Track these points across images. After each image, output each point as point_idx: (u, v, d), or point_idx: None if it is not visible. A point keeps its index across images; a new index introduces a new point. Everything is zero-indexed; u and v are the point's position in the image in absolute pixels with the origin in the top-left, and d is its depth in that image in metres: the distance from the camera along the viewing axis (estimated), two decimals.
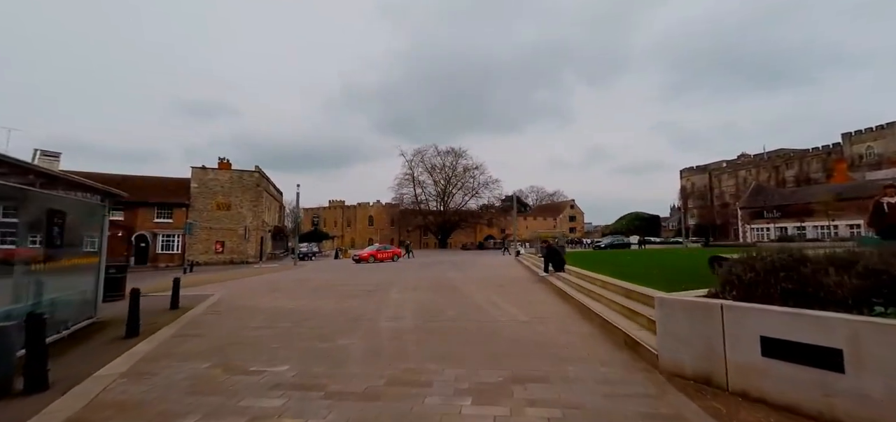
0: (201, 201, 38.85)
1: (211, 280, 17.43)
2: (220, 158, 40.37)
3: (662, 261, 15.17)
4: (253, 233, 40.13)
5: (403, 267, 24.33)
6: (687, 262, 13.62)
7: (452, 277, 16.12)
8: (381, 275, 18.52)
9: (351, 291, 12.26)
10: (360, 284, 14.17)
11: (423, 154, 74.73)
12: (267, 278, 18.08)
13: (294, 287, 13.64)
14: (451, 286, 12.70)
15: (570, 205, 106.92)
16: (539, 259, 20.66)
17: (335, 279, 16.76)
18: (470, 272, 18.93)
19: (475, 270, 20.08)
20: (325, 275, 19.49)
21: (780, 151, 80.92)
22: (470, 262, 28.93)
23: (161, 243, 37.43)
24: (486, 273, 18.19)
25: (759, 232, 48.01)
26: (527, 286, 12.17)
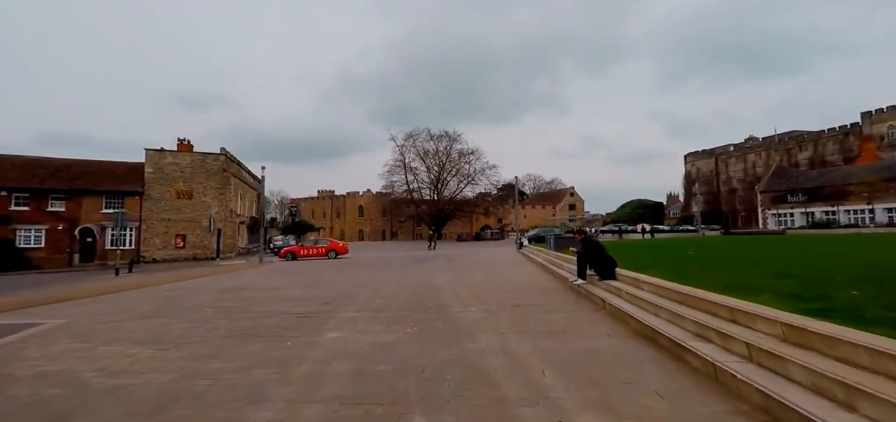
0: (158, 189, 33.94)
1: (95, 292, 12.71)
2: (180, 139, 35.37)
3: (724, 255, 10.73)
4: (220, 225, 35.32)
5: (382, 266, 19.75)
6: (758, 254, 9.59)
7: (442, 284, 11.56)
8: (348, 277, 13.95)
9: (270, 315, 7.68)
10: (301, 300, 9.57)
11: (414, 138, 69.79)
12: (181, 286, 13.43)
13: (186, 311, 9.02)
14: (439, 305, 8.14)
15: (570, 192, 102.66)
16: (554, 254, 16.15)
17: (276, 287, 12.15)
18: (468, 274, 14.40)
19: (475, 271, 15.55)
20: (271, 280, 14.87)
21: (792, 133, 76.84)
22: (467, 257, 24.41)
23: (111, 237, 32.53)
24: (490, 275, 13.66)
25: (782, 218, 43.90)
26: (564, 308, 7.61)
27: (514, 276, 12.87)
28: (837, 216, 39.33)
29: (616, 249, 11.62)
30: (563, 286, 9.81)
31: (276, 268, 20.36)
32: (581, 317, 6.34)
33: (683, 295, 5.47)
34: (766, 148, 79.15)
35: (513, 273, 13.75)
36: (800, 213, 42.52)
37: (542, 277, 12.04)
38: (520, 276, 12.81)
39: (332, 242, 29.26)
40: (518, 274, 13.33)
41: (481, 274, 13.80)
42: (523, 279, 11.84)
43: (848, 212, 38.79)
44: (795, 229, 36.91)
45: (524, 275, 13.02)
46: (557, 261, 13.89)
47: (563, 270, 11.99)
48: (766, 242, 19.17)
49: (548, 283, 10.81)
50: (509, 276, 12.93)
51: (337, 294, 10.00)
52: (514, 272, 14.04)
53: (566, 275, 10.99)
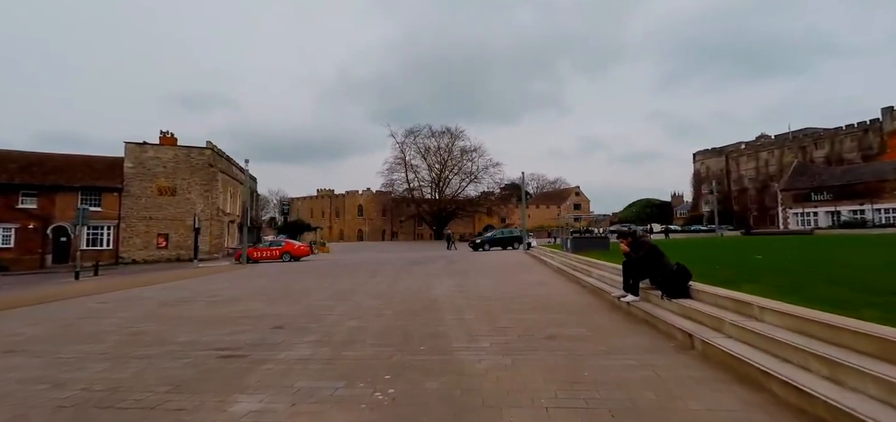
0: (138, 185, 31.64)
1: (9, 304, 10.32)
2: (163, 132, 33.04)
3: (797, 259, 8.24)
4: (207, 223, 33.01)
5: (375, 270, 17.38)
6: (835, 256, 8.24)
7: (442, 297, 9.15)
8: (329, 285, 11.52)
9: (183, 351, 5.29)
10: (250, 319, 7.14)
11: (415, 135, 67.38)
12: (124, 296, 11.02)
13: (82, 339, 6.62)
14: (435, 334, 5.73)
15: (575, 192, 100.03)
16: (575, 257, 13.69)
17: (233, 299, 9.73)
18: (473, 281, 11.98)
19: (481, 277, 13.12)
20: (237, 288, 12.47)
21: (806, 130, 74.02)
22: (471, 259, 21.99)
23: (87, 237, 30.22)
24: (501, 283, 11.25)
25: (804, 218, 41.26)
26: (627, 346, 5.10)
27: (531, 284, 10.42)
28: (866, 215, 36.67)
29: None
30: (602, 303, 7.34)
31: (255, 272, 17.96)
32: (666, 366, 3.87)
33: (862, 337, 3.01)
34: (780, 146, 76.37)
35: (528, 280, 11.29)
36: (824, 212, 39.87)
37: (568, 288, 9.57)
38: (538, 284, 10.35)
39: (287, 243, 26.79)
40: (536, 282, 10.87)
41: (490, 281, 11.36)
42: (544, 290, 9.38)
43: (878, 210, 36.14)
44: (823, 229, 34.29)
45: (543, 283, 10.56)
46: (581, 266, 11.42)
47: (593, 278, 9.53)
48: (808, 242, 16.65)
49: (578, 296, 8.34)
50: (525, 284, 10.48)
51: (302, 312, 7.57)
52: (530, 279, 11.58)
53: (599, 285, 8.53)
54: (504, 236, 33.00)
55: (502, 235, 33.23)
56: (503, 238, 32.59)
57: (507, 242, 31.73)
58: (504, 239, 32.33)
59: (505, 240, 32.19)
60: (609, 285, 8.24)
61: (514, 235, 33.31)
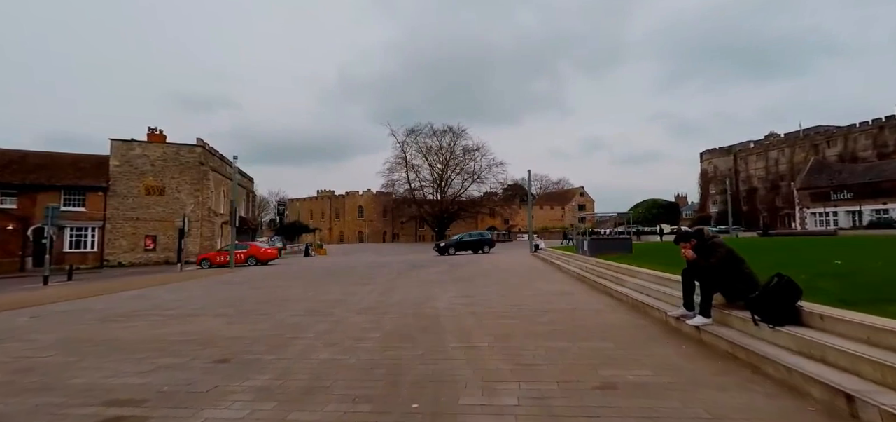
0: (125, 184, 30.10)
1: None
2: (151, 128, 31.51)
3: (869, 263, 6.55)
4: (197, 224, 31.45)
5: (369, 275, 15.77)
6: None
7: (445, 313, 7.52)
8: (313, 296, 9.88)
9: (64, 402, 3.56)
10: (194, 344, 5.48)
11: (416, 134, 65.59)
12: (62, 310, 9.38)
13: None
14: (438, 380, 4.07)
15: (580, 192, 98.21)
16: (595, 261, 12.02)
17: (194, 313, 8.07)
18: (481, 291, 10.35)
19: (490, 285, 11.49)
20: (209, 296, 10.85)
21: (818, 128, 72.05)
22: (475, 262, 20.32)
23: (70, 238, 28.73)
24: (515, 294, 9.60)
25: (822, 218, 39.38)
26: (738, 411, 3.42)
27: (552, 295, 8.74)
28: (891, 214, 34.80)
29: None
30: (654, 325, 5.65)
31: (238, 278, 16.34)
32: None
33: None
34: (790, 144, 74.42)
35: (546, 289, 9.60)
36: (845, 211, 38.01)
37: (599, 301, 7.88)
38: (560, 295, 8.66)
39: (252, 246, 25.08)
40: (556, 292, 9.18)
41: (500, 289, 9.69)
42: (569, 302, 7.70)
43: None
44: (846, 230, 32.44)
45: (566, 294, 8.87)
46: (610, 272, 9.73)
47: (628, 288, 7.85)
48: (855, 244, 14.92)
49: (617, 314, 6.66)
50: (543, 294, 8.80)
51: (265, 333, 5.92)
52: (548, 288, 9.89)
53: (640, 298, 6.85)
54: (473, 239, 29.95)
55: (471, 239, 30.10)
56: (472, 241, 29.61)
57: (478, 246, 29.00)
58: (473, 242, 29.39)
59: (474, 243, 29.27)
60: (654, 299, 6.56)
61: (485, 238, 30.58)
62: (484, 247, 28.98)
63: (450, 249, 28.13)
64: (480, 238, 30.36)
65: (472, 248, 28.88)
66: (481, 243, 29.34)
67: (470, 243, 29.33)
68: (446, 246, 28.75)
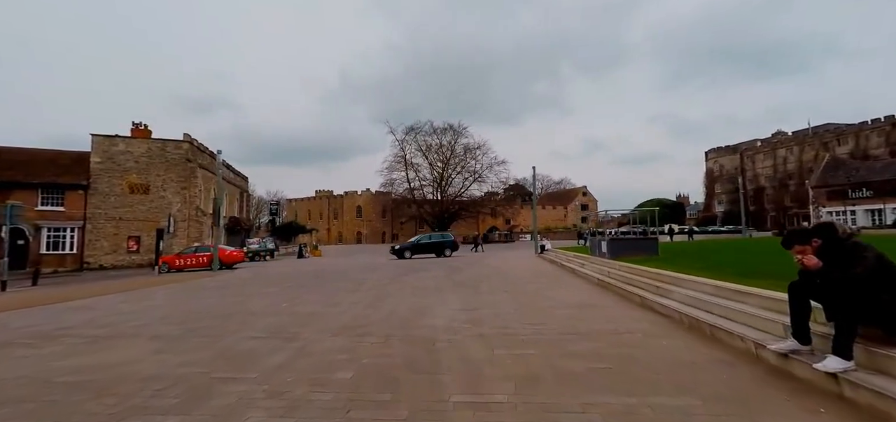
0: (106, 181, 28.48)
1: None
2: (136, 123, 29.89)
3: None
4: (184, 224, 29.82)
5: (359, 280, 14.14)
6: None
7: (444, 338, 5.90)
8: (287, 308, 8.22)
9: None
10: (85, 390, 3.79)
11: (416, 132, 63.83)
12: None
13: None
14: None
15: (582, 192, 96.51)
16: (619, 265, 10.37)
17: (114, 333, 6.42)
18: (488, 300, 8.70)
19: (497, 292, 9.84)
20: (166, 308, 9.19)
21: (827, 125, 70.32)
22: (477, 264, 18.65)
23: (47, 239, 27.11)
24: (530, 307, 7.96)
25: (840, 217, 37.66)
26: None
27: (575, 308, 7.07)
28: None
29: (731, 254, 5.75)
30: (741, 361, 3.98)
31: (213, 283, 14.69)
32: None
33: None
34: (799, 142, 72.80)
35: (566, 300, 7.94)
36: (863, 210, 36.32)
37: (638, 317, 6.22)
38: (585, 308, 7.00)
39: (218, 248, 23.15)
40: (578, 304, 7.52)
41: (510, 299, 8.03)
42: (600, 320, 6.04)
43: None
44: (869, 230, 30.75)
45: (592, 306, 7.21)
46: (644, 280, 8.08)
47: (675, 301, 6.19)
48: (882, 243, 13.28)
49: (672, 338, 4.99)
50: (564, 306, 7.13)
51: (197, 369, 4.27)
52: (567, 298, 8.23)
53: (699, 316, 5.18)
54: (433, 242, 27.23)
55: (431, 241, 27.55)
56: (432, 243, 27.05)
57: (439, 249, 26.34)
58: (433, 244, 26.88)
59: (435, 246, 26.72)
60: (722, 318, 4.90)
61: (446, 240, 27.70)
62: (446, 250, 26.42)
63: (405, 252, 25.57)
64: (442, 240, 27.55)
65: (433, 250, 26.46)
66: (443, 246, 26.72)
67: (430, 246, 26.82)
68: (402, 248, 26.12)
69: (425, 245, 26.90)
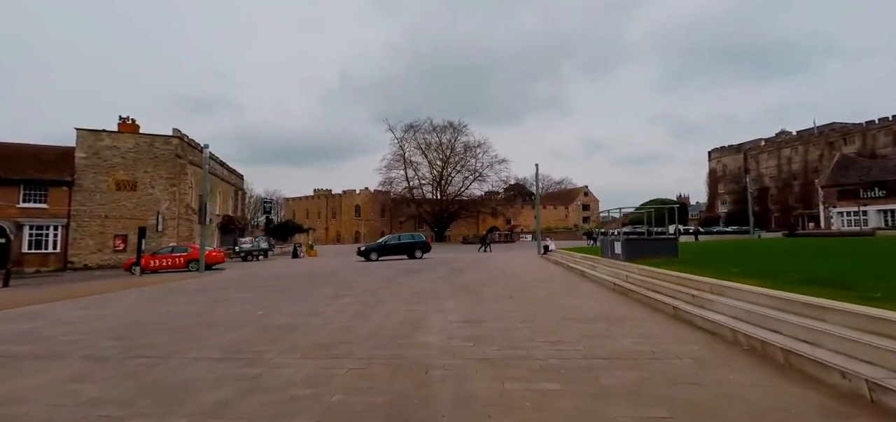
0: (92, 177, 27.33)
1: None
2: (122, 118, 28.76)
3: None
4: (172, 222, 28.70)
5: (349, 283, 13.02)
6: None
7: (440, 363, 4.73)
8: (254, 320, 7.09)
9: None
10: None
11: (415, 130, 62.81)
12: None
13: None
14: None
15: (584, 192, 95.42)
16: (639, 269, 9.25)
17: (35, 352, 5.29)
18: (494, 314, 7.59)
19: (503, 300, 8.72)
20: (97, 314, 8.06)
21: (833, 124, 69.16)
22: (479, 266, 17.53)
23: (30, 238, 25.99)
24: (546, 324, 6.84)
25: (851, 217, 36.58)
26: None
27: (601, 322, 5.95)
28: None
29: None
30: (854, 409, 2.86)
31: (190, 287, 13.55)
32: None
33: None
34: (804, 142, 71.65)
35: (584, 310, 6.81)
36: (876, 211, 35.22)
37: (680, 335, 5.08)
38: (613, 324, 5.87)
39: (193, 248, 21.85)
40: (600, 316, 6.39)
41: (518, 309, 6.89)
42: (636, 338, 4.91)
43: None
44: (885, 230, 29.65)
45: (619, 321, 6.08)
46: (675, 288, 6.96)
47: (721, 314, 5.07)
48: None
49: (734, 368, 3.85)
50: (587, 320, 6.00)
51: (113, 411, 3.15)
52: (585, 307, 7.10)
53: (767, 337, 4.06)
54: (402, 243, 25.51)
55: (400, 242, 25.82)
56: (401, 244, 25.28)
57: (410, 250, 24.71)
58: (403, 246, 25.17)
59: (405, 247, 25.06)
60: (801, 342, 3.78)
61: (417, 240, 25.92)
62: (416, 251, 24.72)
63: (372, 254, 23.86)
64: (412, 241, 25.78)
65: (403, 252, 24.77)
66: (413, 247, 24.99)
67: (399, 247, 25.06)
68: (368, 250, 24.38)
69: (394, 246, 25.12)
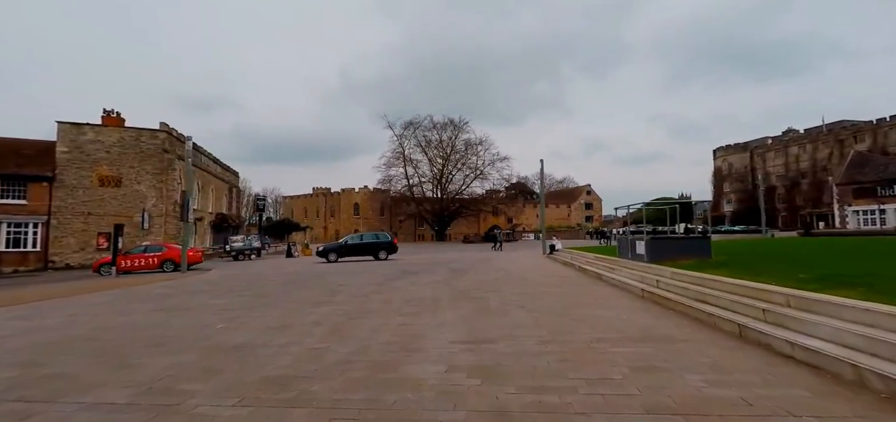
0: (74, 173, 26.01)
1: None
2: (106, 110, 27.41)
3: None
4: (159, 220, 27.37)
5: (334, 287, 11.63)
6: None
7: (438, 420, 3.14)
8: (217, 335, 5.71)
9: None
10: None
11: (415, 127, 61.38)
12: None
13: None
14: None
15: (587, 191, 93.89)
16: (645, 267, 7.87)
17: None
18: (507, 332, 6.13)
19: (515, 310, 7.30)
20: (42, 325, 6.66)
21: (843, 122, 67.61)
22: (481, 267, 16.12)
23: (8, 235, 24.67)
24: (592, 356, 5.34)
25: (868, 216, 35.15)
26: None
27: (645, 343, 4.56)
28: None
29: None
30: None
31: (155, 291, 12.20)
32: None
33: None
34: (812, 140, 70.13)
35: (623, 328, 5.41)
36: (894, 209, 33.78)
37: (769, 368, 3.68)
38: (661, 346, 4.47)
39: (169, 248, 20.63)
40: (654, 341, 4.98)
41: (535, 323, 5.50)
42: (701, 367, 3.52)
43: None
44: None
45: (670, 342, 4.67)
46: (728, 297, 5.58)
47: (822, 340, 3.67)
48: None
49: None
50: (626, 340, 4.62)
51: None
52: (623, 323, 5.70)
53: (866, 363, 2.67)
54: (365, 243, 23.61)
55: (363, 241, 23.82)
56: (364, 245, 23.36)
57: (375, 250, 22.87)
58: (366, 246, 23.23)
59: (368, 247, 23.13)
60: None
61: (381, 240, 23.90)
62: (380, 251, 22.86)
63: (330, 255, 22.23)
64: (375, 241, 23.87)
65: (367, 252, 22.93)
66: (376, 247, 23.14)
67: (361, 247, 23.19)
68: (326, 250, 22.85)
69: (355, 247, 23.23)
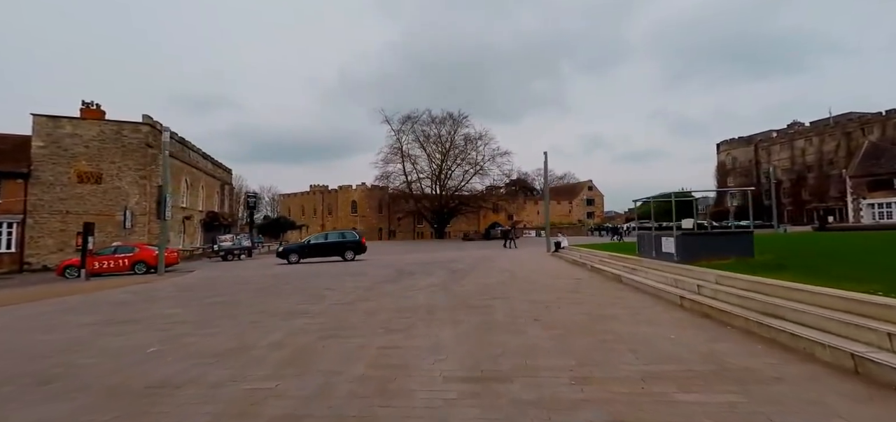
0: (51, 169, 24.59)
1: None
2: (86, 103, 25.95)
3: None
4: (142, 218, 25.96)
5: (318, 292, 10.22)
6: None
7: None
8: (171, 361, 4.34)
9: None
10: None
11: (413, 121, 59.81)
12: None
13: None
14: None
15: (588, 186, 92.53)
16: (677, 268, 6.48)
17: None
18: (518, 364, 4.64)
19: (530, 327, 5.85)
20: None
21: (850, 114, 66.22)
22: (484, 265, 14.71)
23: None
24: (651, 407, 3.81)
25: (883, 210, 33.83)
26: None
27: (716, 381, 3.18)
28: None
29: None
30: None
31: (116, 296, 10.83)
32: None
33: None
34: (819, 133, 68.77)
35: (670, 350, 4.02)
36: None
37: None
38: (742, 386, 3.08)
39: (142, 249, 19.44)
40: (744, 384, 3.60)
41: (552, 343, 4.13)
42: None
43: None
44: None
45: (756, 381, 3.28)
46: (824, 313, 4.19)
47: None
48: None
49: None
50: (684, 372, 3.25)
51: None
52: (669, 345, 4.31)
53: None
54: (330, 242, 22.21)
55: (328, 241, 22.49)
56: (329, 244, 22.03)
57: (340, 250, 21.30)
58: (331, 246, 21.81)
59: (333, 247, 21.68)
60: None
61: (347, 239, 22.37)
62: (347, 251, 21.16)
63: (291, 255, 20.78)
64: (341, 240, 22.24)
65: (332, 253, 21.38)
66: (342, 247, 21.49)
67: (325, 247, 21.70)
68: (287, 251, 21.44)
69: (319, 247, 21.78)
